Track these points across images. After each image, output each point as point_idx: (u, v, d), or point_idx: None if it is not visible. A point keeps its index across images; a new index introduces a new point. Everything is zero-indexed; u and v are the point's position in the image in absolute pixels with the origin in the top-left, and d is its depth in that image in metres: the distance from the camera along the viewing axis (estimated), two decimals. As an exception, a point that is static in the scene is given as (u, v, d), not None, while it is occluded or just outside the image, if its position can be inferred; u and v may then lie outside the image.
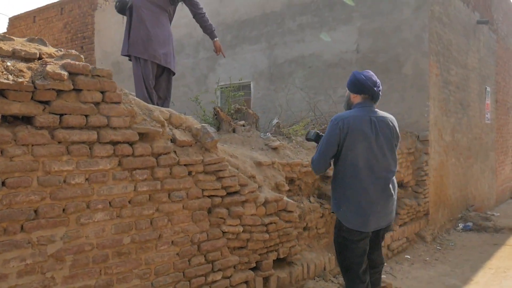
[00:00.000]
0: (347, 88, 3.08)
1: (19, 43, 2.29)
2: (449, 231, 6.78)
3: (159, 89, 4.20)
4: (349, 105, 3.05)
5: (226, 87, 8.13)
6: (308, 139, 3.27)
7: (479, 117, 8.26)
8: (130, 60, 4.25)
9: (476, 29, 7.92)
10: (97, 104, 2.38)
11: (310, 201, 4.10)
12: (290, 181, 3.97)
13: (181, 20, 9.31)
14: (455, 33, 6.91)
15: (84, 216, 2.32)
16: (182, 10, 9.23)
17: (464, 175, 7.53)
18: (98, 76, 2.38)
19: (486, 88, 8.63)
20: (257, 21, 7.82)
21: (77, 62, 2.29)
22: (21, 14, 14.14)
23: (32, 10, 13.81)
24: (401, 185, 5.74)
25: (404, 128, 5.99)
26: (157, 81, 4.17)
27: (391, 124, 2.99)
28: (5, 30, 14.63)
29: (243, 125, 4.16)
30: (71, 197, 2.27)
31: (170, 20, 4.33)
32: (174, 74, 4.30)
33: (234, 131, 4.06)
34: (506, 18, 10.29)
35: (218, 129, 4.06)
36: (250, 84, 7.99)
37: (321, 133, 3.19)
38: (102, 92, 2.40)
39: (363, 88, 2.92)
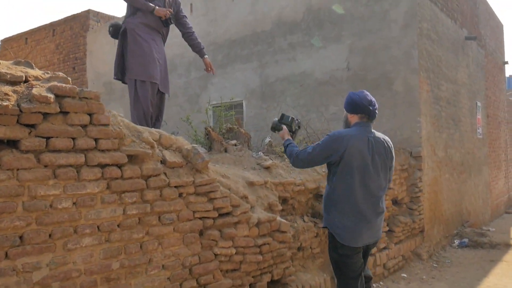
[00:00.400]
0: (344, 109, 3.16)
1: (4, 66, 2.26)
2: (445, 248, 6.73)
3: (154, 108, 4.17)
4: (347, 125, 3.14)
5: (218, 106, 8.14)
6: (275, 128, 3.48)
7: (471, 132, 8.30)
8: (123, 82, 4.24)
9: (464, 45, 8.03)
10: (84, 126, 2.35)
11: (304, 221, 4.05)
12: (283, 200, 3.93)
13: (173, 40, 9.35)
14: (444, 50, 6.99)
15: (71, 241, 2.26)
16: (173, 31, 9.29)
17: (458, 191, 7.52)
18: (86, 98, 2.34)
19: (476, 103, 8.70)
20: (247, 41, 7.87)
21: (64, 85, 2.26)
22: (13, 36, 14.17)
23: (24, 31, 13.84)
24: (395, 202, 5.71)
25: (396, 144, 5.99)
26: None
27: (386, 145, 3.09)
28: (-3, 52, 14.63)
29: (235, 145, 4.13)
30: (58, 222, 2.21)
31: (164, 42, 4.34)
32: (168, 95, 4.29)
33: (226, 150, 4.03)
34: (493, 34, 10.46)
35: (210, 149, 4.03)
36: (242, 103, 8.00)
37: (297, 119, 3.44)
38: (90, 114, 2.36)
39: (359, 108, 3.00)
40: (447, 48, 7.11)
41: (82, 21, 12.19)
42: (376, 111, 3.05)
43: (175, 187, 2.77)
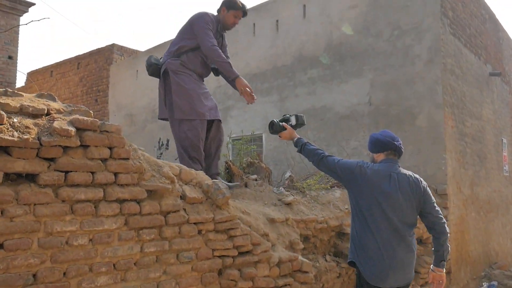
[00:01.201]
0: (370, 151, 3.16)
1: (27, 99, 2.24)
2: (473, 291, 6.39)
3: (211, 141, 3.97)
4: None
5: (238, 140, 8.11)
6: (276, 130, 3.46)
7: (497, 169, 8.03)
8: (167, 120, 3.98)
9: (489, 81, 7.89)
10: (104, 160, 2.30)
11: (326, 260, 3.88)
12: (305, 238, 3.78)
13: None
14: (469, 85, 6.86)
15: (86, 280, 2.17)
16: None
17: (485, 230, 7.21)
18: (107, 131, 2.30)
19: (502, 139, 8.47)
20: (268, 75, 7.90)
21: (85, 118, 2.23)
22: (38, 69, 14.61)
23: (50, 65, 14.27)
24: (420, 241, 5.47)
25: (421, 181, 5.81)
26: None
27: (412, 181, 2.96)
28: (23, 84, 15.07)
29: (256, 179, 4.03)
30: (73, 259, 2.13)
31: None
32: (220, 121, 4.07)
33: (246, 185, 3.93)
34: (517, 70, 10.30)
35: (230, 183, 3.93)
36: (262, 136, 7.95)
37: (299, 115, 3.57)
38: (110, 148, 2.32)
39: (383, 145, 2.99)
40: (471, 84, 6.98)
41: (106, 55, 12.52)
42: (401, 146, 3.01)
43: (194, 223, 2.67)
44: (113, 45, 12.46)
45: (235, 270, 2.87)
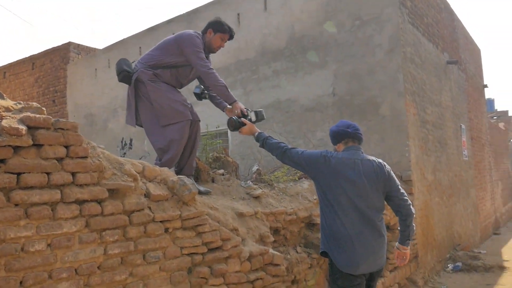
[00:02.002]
0: (332, 144, 3.20)
1: (-28, 97, 2.08)
2: (439, 273, 6.57)
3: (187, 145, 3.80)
4: None
5: (204, 135, 7.98)
6: (236, 126, 3.45)
7: (457, 154, 8.29)
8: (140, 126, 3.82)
9: (446, 69, 8.11)
10: (60, 159, 2.16)
11: (297, 252, 3.85)
12: (275, 231, 3.74)
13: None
14: (428, 73, 7.02)
15: (45, 288, 2.03)
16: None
17: (448, 214, 7.43)
18: (62, 129, 2.17)
19: (461, 125, 8.74)
20: (231, 69, 7.81)
21: (37, 115, 2.09)
22: (-9, 70, 13.89)
23: (2, 66, 13.60)
24: (388, 228, 5.55)
25: (386, 169, 5.90)
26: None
27: (376, 166, 2.98)
28: (-26, 87, 14.31)
29: (223, 174, 3.96)
30: (30, 267, 1.99)
31: None
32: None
33: (213, 180, 3.85)
34: (472, 58, 10.66)
35: (197, 179, 3.84)
36: (227, 131, 7.86)
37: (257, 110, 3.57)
38: (66, 147, 2.18)
39: (339, 135, 3.05)
40: (430, 72, 7.15)
41: (62, 54, 12.04)
42: (358, 133, 3.05)
43: (160, 221, 2.57)
44: (69, 43, 12.00)
45: (205, 267, 2.79)
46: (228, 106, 3.88)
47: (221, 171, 3.97)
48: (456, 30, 9.20)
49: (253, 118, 3.56)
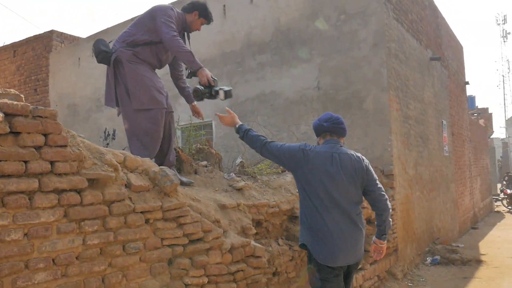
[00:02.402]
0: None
1: None
2: (418, 266, 6.68)
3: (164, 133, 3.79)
4: None
5: (187, 127, 7.94)
6: (200, 96, 3.53)
7: (438, 149, 8.42)
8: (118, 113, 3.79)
9: (429, 65, 8.20)
10: (39, 148, 2.12)
11: (278, 244, 3.87)
12: (257, 223, 3.75)
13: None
14: (411, 69, 7.09)
15: (21, 278, 2.00)
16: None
17: (428, 208, 7.55)
18: (40, 117, 2.12)
19: (442, 121, 8.87)
20: (217, 61, 7.76)
21: (15, 102, 2.04)
22: (-30, 57, 13.54)
23: (-18, 52, 13.26)
24: (369, 221, 5.62)
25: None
26: None
27: (354, 159, 3.00)
28: (-48, 74, 13.96)
29: (206, 166, 3.94)
30: (6, 256, 1.96)
31: None
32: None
33: (196, 172, 3.83)
34: (455, 55, 10.80)
35: (179, 170, 3.82)
36: (211, 123, 7.83)
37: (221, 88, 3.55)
38: (45, 135, 2.14)
39: (319, 128, 3.08)
40: (414, 68, 7.22)
41: (45, 42, 11.80)
42: (337, 126, 3.06)
43: (141, 212, 2.55)
44: (52, 31, 11.76)
45: (186, 258, 2.79)
46: (194, 102, 4.06)
47: (204, 162, 3.96)
48: (440, 27, 9.30)
49: (222, 97, 3.59)
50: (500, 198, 17.61)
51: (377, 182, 3.05)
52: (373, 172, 3.08)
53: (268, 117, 7.02)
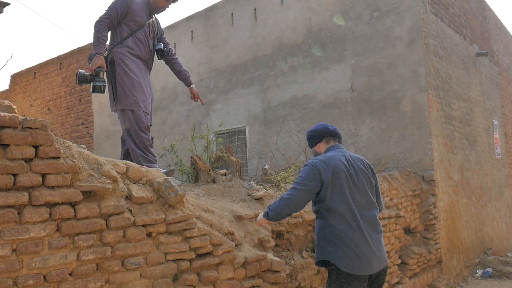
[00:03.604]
0: (310, 148, 3.09)
1: None
2: (466, 279, 6.18)
3: None
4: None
5: (222, 134, 7.86)
6: (80, 80, 3.53)
7: (488, 152, 7.81)
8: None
9: (476, 62, 7.64)
10: (29, 160, 2.04)
11: (302, 257, 3.64)
12: (278, 234, 3.54)
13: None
14: (454, 66, 6.62)
15: (10, 296, 1.92)
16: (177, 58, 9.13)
17: (478, 216, 6.99)
18: (30, 128, 2.05)
19: (493, 121, 8.24)
20: (248, 65, 7.64)
21: (2, 114, 1.98)
22: (22, 70, 14.28)
23: (33, 66, 13.94)
24: (408, 231, 5.25)
25: (406, 168, 5.58)
26: None
27: (364, 161, 2.92)
28: (7, 87, 14.78)
29: (225, 174, 3.79)
30: (-8, 273, 1.89)
31: (149, 72, 4.08)
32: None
33: (214, 181, 3.69)
34: (506, 50, 10.05)
35: (196, 179, 3.69)
36: (245, 129, 7.71)
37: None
38: (35, 147, 2.07)
39: (318, 135, 2.95)
40: (457, 65, 6.74)
41: (88, 54, 12.19)
42: (337, 130, 2.99)
43: (142, 226, 2.43)
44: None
45: (193, 274, 2.63)
46: (192, 85, 4.16)
47: (224, 171, 3.81)
48: (488, 20, 8.67)
49: (91, 89, 3.60)
50: None
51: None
52: None
53: (301, 122, 6.79)
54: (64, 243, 2.11)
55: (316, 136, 2.93)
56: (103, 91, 3.64)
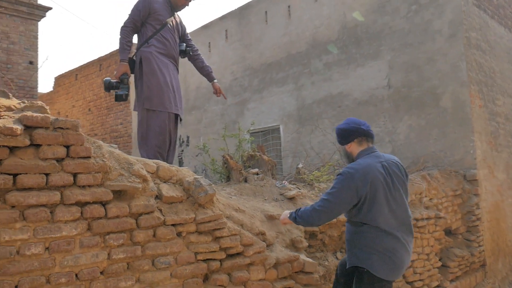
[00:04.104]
0: (339, 145, 2.94)
1: (-26, 97, 2.05)
2: (513, 284, 5.87)
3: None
4: (350, 159, 2.82)
5: (256, 133, 7.83)
6: (105, 87, 3.62)
7: (537, 150, 7.38)
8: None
9: (523, 55, 7.24)
10: (60, 160, 2.08)
11: (336, 258, 3.55)
12: (311, 235, 3.46)
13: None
14: (498, 60, 6.29)
15: (43, 293, 1.96)
16: (209, 59, 9.21)
17: (525, 217, 6.62)
18: (62, 128, 2.08)
19: (541, 118, 7.77)
20: (283, 63, 7.57)
21: (35, 114, 2.02)
22: (64, 73, 14.81)
23: (74, 68, 14.42)
24: (449, 232, 5.04)
25: (447, 167, 5.35)
26: None
27: (399, 164, 2.78)
28: (51, 89, 15.37)
29: (257, 173, 3.75)
30: (26, 271, 1.92)
31: (177, 68, 4.13)
32: (181, 120, 4.00)
33: (246, 180, 3.65)
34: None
35: (228, 178, 3.68)
36: (279, 128, 7.64)
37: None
38: (67, 147, 2.10)
39: (351, 133, 2.75)
40: (501, 59, 6.40)
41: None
42: (371, 130, 2.81)
43: (172, 225, 2.43)
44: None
45: (224, 274, 2.61)
46: (215, 80, 4.18)
47: (256, 170, 3.77)
48: (536, 11, 8.19)
49: (115, 98, 3.70)
50: None
51: None
52: None
53: (336, 120, 6.65)
54: (95, 242, 2.13)
55: (348, 136, 2.75)
56: (125, 99, 3.73)
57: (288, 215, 2.83)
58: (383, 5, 6.12)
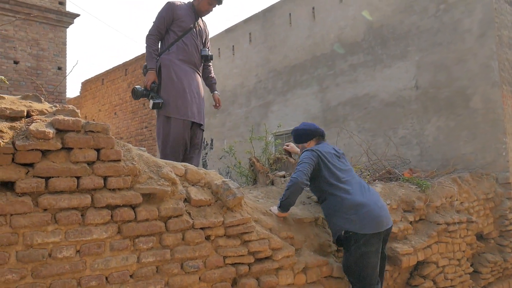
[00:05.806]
0: (298, 144, 3.53)
1: (8, 101, 2.09)
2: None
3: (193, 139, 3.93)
4: None
5: (281, 135, 7.78)
6: (137, 95, 3.73)
7: None
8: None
9: (557, 53, 6.98)
10: (91, 163, 2.09)
11: (365, 263, 3.47)
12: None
13: (233, 70, 9.29)
14: (532, 59, 6.08)
15: (75, 296, 1.97)
16: (233, 62, 9.22)
17: (561, 222, 6.36)
18: (92, 131, 2.10)
19: None
20: (307, 65, 7.52)
21: (66, 118, 2.04)
22: (91, 78, 15.11)
23: (101, 73, 14.70)
24: (481, 237, 4.88)
25: (478, 169, 5.20)
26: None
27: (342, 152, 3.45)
28: (79, 94, 15.71)
29: (284, 176, 3.71)
30: (58, 273, 1.94)
31: (200, 74, 4.11)
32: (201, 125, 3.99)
33: (272, 183, 3.62)
34: None
35: (255, 181, 3.65)
36: (304, 130, 7.57)
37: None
38: (97, 150, 2.11)
39: (311, 133, 3.38)
40: (535, 57, 6.18)
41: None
42: (324, 132, 3.45)
43: (201, 228, 2.41)
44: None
45: (252, 279, 2.58)
46: (216, 92, 4.28)
47: (282, 173, 3.73)
48: None
49: (150, 105, 3.77)
50: None
51: None
52: None
53: (362, 122, 6.56)
54: (125, 245, 2.13)
55: (309, 135, 3.36)
56: (161, 108, 3.77)
57: (277, 209, 3.05)
58: (411, 5, 6.00)
